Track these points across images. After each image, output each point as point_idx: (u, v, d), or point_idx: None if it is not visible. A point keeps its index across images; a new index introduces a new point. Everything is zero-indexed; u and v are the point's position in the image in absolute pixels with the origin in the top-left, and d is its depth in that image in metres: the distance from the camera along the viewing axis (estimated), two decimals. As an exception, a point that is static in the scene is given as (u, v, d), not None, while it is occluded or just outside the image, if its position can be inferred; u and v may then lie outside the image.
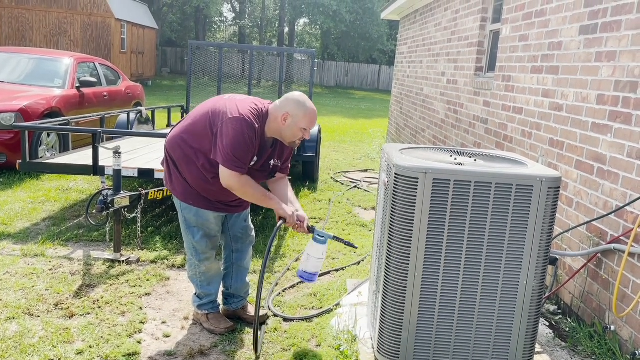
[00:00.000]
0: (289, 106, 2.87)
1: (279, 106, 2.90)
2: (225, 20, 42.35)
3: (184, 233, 3.14)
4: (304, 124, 2.89)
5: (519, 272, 2.57)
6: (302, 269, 3.08)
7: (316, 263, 3.05)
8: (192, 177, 2.96)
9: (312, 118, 2.91)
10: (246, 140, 2.76)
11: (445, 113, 7.14)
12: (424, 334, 2.63)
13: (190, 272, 3.24)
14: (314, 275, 3.10)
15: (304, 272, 3.08)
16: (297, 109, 2.86)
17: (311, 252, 3.03)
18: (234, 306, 3.39)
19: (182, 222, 3.12)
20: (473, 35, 6.20)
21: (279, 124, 2.88)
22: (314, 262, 3.05)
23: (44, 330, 3.10)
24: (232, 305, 3.39)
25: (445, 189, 2.47)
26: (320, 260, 3.06)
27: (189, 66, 8.06)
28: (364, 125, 15.95)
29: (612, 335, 3.16)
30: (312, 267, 3.06)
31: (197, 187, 2.98)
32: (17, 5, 20.74)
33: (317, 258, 3.04)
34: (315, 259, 3.03)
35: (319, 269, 3.10)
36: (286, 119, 2.86)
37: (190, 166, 2.94)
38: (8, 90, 7.13)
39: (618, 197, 3.19)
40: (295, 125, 2.88)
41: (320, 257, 3.04)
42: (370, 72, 35.85)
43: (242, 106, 2.84)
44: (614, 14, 3.36)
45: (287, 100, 2.90)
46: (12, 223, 4.96)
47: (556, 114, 4.01)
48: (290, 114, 2.85)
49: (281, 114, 2.87)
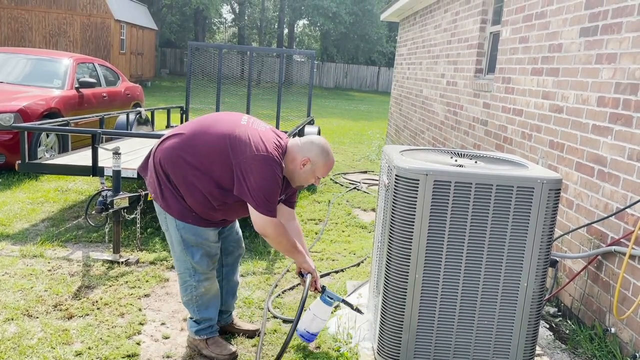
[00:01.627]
0: (312, 152, 2.71)
1: (301, 148, 2.73)
2: (224, 21, 42.38)
3: (179, 254, 2.85)
4: (320, 173, 2.77)
5: (520, 274, 2.56)
6: (304, 328, 2.99)
7: (320, 324, 3.00)
8: (193, 200, 2.72)
9: (330, 168, 2.80)
10: (278, 182, 2.61)
11: (444, 115, 7.14)
12: (425, 335, 2.62)
13: (185, 297, 2.94)
14: (315, 335, 3.04)
15: (307, 332, 3.00)
16: (319, 157, 2.72)
17: (317, 313, 2.95)
18: (222, 322, 3.20)
19: (177, 242, 2.82)
20: (473, 37, 6.20)
21: (295, 167, 2.73)
22: (318, 323, 2.98)
23: (43, 332, 3.09)
24: (220, 322, 3.17)
25: (446, 191, 2.47)
26: (324, 322, 3.00)
27: (188, 67, 8.06)
28: (363, 126, 15.95)
29: (612, 337, 3.15)
30: (316, 328, 3.00)
31: (197, 211, 2.75)
32: (16, 6, 20.73)
33: (322, 319, 2.98)
34: (320, 320, 2.97)
35: (321, 329, 3.05)
36: (305, 164, 2.71)
37: (193, 189, 2.69)
38: (7, 91, 7.11)
39: (618, 199, 3.18)
40: (312, 173, 2.75)
41: (325, 319, 2.99)
42: (370, 74, 35.89)
43: (267, 141, 2.65)
44: (615, 16, 3.36)
45: (312, 145, 2.73)
46: (11, 224, 4.95)
47: (556, 116, 4.01)
48: (311, 160, 2.71)
49: (301, 158, 2.71)
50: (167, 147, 2.75)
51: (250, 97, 7.97)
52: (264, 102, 10.43)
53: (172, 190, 2.74)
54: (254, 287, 3.94)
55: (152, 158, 2.83)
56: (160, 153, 2.76)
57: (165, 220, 2.83)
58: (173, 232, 2.82)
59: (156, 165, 2.78)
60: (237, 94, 10.95)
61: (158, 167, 2.76)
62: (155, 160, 2.78)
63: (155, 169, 2.78)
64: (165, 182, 2.74)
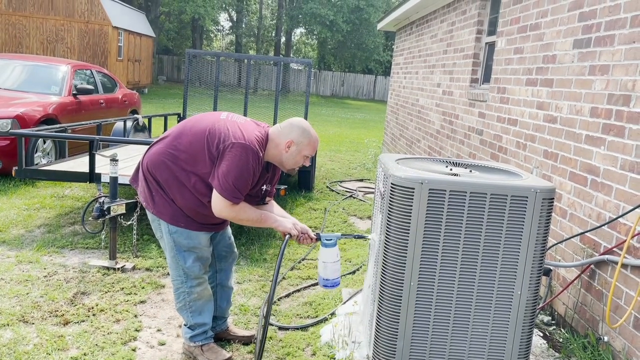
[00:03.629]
0: (292, 133, 2.76)
1: (282, 132, 2.78)
2: (222, 29, 42.54)
3: (172, 259, 2.89)
4: (307, 152, 2.81)
5: (514, 282, 2.59)
6: (322, 277, 2.96)
7: (334, 267, 2.94)
8: (184, 201, 2.76)
9: (316, 146, 2.83)
10: (249, 170, 2.64)
11: (440, 124, 7.19)
12: (419, 343, 2.64)
13: (178, 304, 2.97)
14: (336, 279, 2.97)
15: (325, 280, 2.95)
16: (302, 137, 2.77)
17: (325, 259, 2.92)
18: (217, 328, 3.21)
19: (169, 247, 2.86)
20: (469, 47, 6.26)
21: (280, 152, 2.77)
22: (331, 267, 2.94)
23: (39, 338, 3.09)
24: (215, 328, 3.19)
25: (441, 199, 2.50)
26: (336, 263, 2.94)
27: (186, 74, 8.09)
28: (359, 135, 16.00)
29: (605, 346, 3.18)
30: (332, 273, 2.95)
31: (189, 211, 2.79)
32: (14, 12, 20.75)
33: (333, 262, 2.93)
34: (332, 263, 2.93)
35: (339, 271, 2.98)
36: (290, 146, 2.76)
37: (182, 189, 2.74)
38: (4, 97, 7.13)
39: (611, 208, 3.22)
40: (299, 153, 2.79)
41: (335, 260, 2.93)
42: (366, 82, 36.05)
43: (246, 131, 2.69)
44: (608, 29, 3.42)
45: (292, 127, 2.78)
46: (7, 230, 4.95)
47: (550, 126, 4.06)
48: (294, 141, 2.75)
49: (285, 141, 2.75)
50: (153, 153, 2.82)
51: (247, 104, 8.00)
52: (261, 109, 10.45)
53: (162, 194, 2.79)
54: (249, 294, 3.95)
55: (141, 166, 2.88)
56: (147, 159, 2.84)
57: (159, 227, 2.87)
58: (166, 237, 2.86)
59: (145, 171, 2.84)
60: (234, 101, 10.98)
61: (147, 173, 2.82)
62: (144, 167, 2.84)
63: (144, 176, 2.84)
64: (156, 187, 2.80)
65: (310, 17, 32.96)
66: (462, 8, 6.62)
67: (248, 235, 5.23)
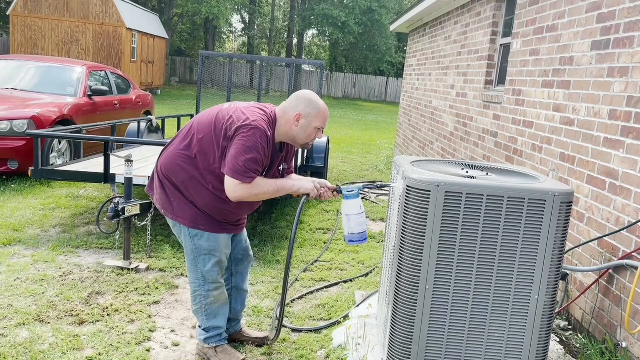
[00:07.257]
0: (300, 106, 2.71)
1: (289, 107, 2.73)
2: (234, 30, 42.73)
3: (191, 263, 2.88)
4: (318, 123, 2.75)
5: (531, 286, 2.56)
6: (348, 232, 2.85)
7: (359, 219, 2.84)
8: (202, 200, 2.76)
9: (326, 116, 2.78)
10: (259, 149, 2.59)
11: (454, 126, 7.14)
12: (435, 347, 2.61)
13: (194, 306, 2.97)
14: (363, 233, 2.87)
15: (351, 234, 2.85)
16: (310, 108, 2.72)
17: (348, 211, 2.82)
18: (231, 330, 3.21)
19: (189, 251, 2.85)
20: (483, 49, 6.22)
21: (290, 127, 2.72)
22: (356, 220, 2.83)
23: (54, 337, 3.11)
24: (229, 330, 3.19)
25: (458, 202, 2.47)
26: (361, 215, 2.84)
27: (199, 75, 8.13)
28: (371, 136, 15.97)
29: (623, 352, 3.13)
30: (357, 226, 2.85)
31: (209, 209, 2.78)
32: (30, 14, 21.01)
33: (357, 214, 2.83)
34: (355, 215, 2.83)
35: (365, 224, 2.87)
36: (299, 119, 2.71)
37: (199, 188, 2.73)
38: (21, 98, 7.21)
39: (630, 212, 3.17)
40: (310, 126, 2.73)
41: (360, 212, 2.84)
42: (378, 84, 35.98)
43: (250, 113, 2.66)
44: (627, 30, 3.37)
45: (298, 100, 2.73)
46: (23, 229, 4.99)
47: (567, 129, 4.01)
48: (303, 114, 2.70)
49: (293, 115, 2.70)
50: (166, 157, 2.82)
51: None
52: (273, 111, 10.53)
53: (181, 197, 2.78)
54: (262, 295, 3.95)
55: (156, 172, 2.88)
56: (161, 164, 2.84)
57: (180, 232, 2.87)
58: (186, 241, 2.85)
59: (160, 176, 2.83)
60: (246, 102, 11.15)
61: (163, 177, 2.82)
62: (159, 172, 2.84)
63: (161, 180, 2.84)
64: (173, 191, 2.79)
65: (322, 18, 32.98)
66: (477, 10, 6.58)
67: (261, 237, 5.23)
